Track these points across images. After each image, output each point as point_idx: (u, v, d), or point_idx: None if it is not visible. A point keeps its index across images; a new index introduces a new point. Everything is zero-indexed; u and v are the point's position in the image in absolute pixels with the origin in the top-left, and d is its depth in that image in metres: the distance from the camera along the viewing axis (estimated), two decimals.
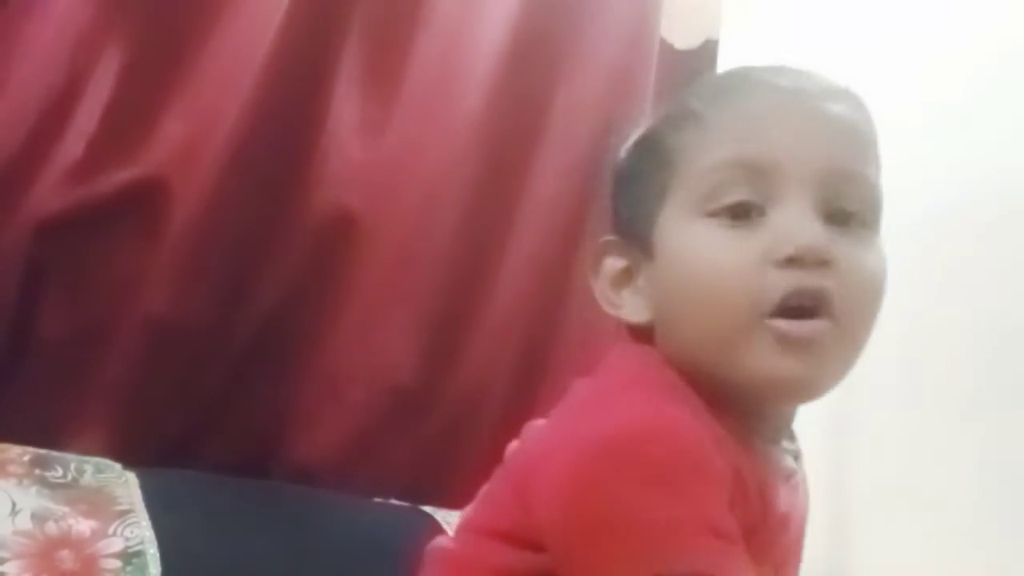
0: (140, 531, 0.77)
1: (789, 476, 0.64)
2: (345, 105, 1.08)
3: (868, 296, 0.59)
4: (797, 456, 0.66)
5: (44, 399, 0.94)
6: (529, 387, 1.12)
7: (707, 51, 1.21)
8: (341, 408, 1.06)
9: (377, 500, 1.02)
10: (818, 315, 0.56)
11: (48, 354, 0.95)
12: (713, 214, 0.58)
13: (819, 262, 0.56)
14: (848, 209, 0.58)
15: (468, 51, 1.12)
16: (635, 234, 0.63)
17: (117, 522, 0.77)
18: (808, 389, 0.60)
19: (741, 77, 0.64)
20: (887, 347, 1.38)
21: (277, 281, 1.04)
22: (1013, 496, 1.22)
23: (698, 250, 0.58)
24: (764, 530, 0.57)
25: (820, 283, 0.56)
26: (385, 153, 1.09)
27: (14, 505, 0.74)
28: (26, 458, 0.81)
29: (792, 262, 0.56)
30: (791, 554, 0.63)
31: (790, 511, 0.62)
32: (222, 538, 0.81)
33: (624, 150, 0.67)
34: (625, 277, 0.63)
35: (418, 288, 1.10)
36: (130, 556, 0.75)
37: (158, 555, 0.76)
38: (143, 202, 0.99)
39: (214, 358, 1.02)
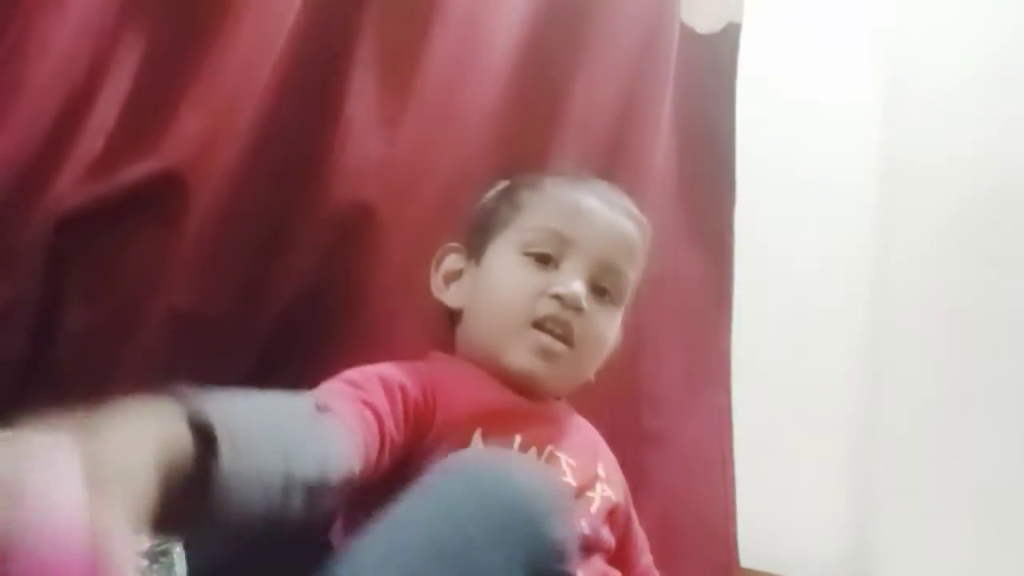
0: None
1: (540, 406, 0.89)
2: (362, 97, 1.07)
3: (596, 344, 0.90)
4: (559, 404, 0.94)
5: (67, 392, 0.94)
6: None
7: (729, 35, 1.19)
8: None
9: None
10: (564, 343, 0.87)
11: (70, 347, 0.95)
12: (527, 254, 0.89)
13: (575, 307, 0.86)
14: (606, 288, 0.90)
15: (485, 41, 1.11)
16: (474, 247, 0.93)
17: None
18: (546, 385, 0.89)
19: (577, 178, 0.97)
20: (915, 341, 1.38)
21: (296, 273, 1.04)
22: None
23: (508, 273, 0.89)
24: (507, 423, 0.82)
25: (570, 320, 0.87)
26: (403, 145, 1.08)
27: None
28: None
29: (558, 298, 0.86)
30: (580, 453, 0.87)
31: (555, 423, 0.89)
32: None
33: (490, 194, 0.99)
34: (456, 275, 0.94)
35: None
36: (157, 555, 0.75)
37: (184, 553, 0.76)
38: (162, 195, 0.99)
39: (234, 350, 1.02)
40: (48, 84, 0.96)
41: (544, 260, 0.89)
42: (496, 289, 0.89)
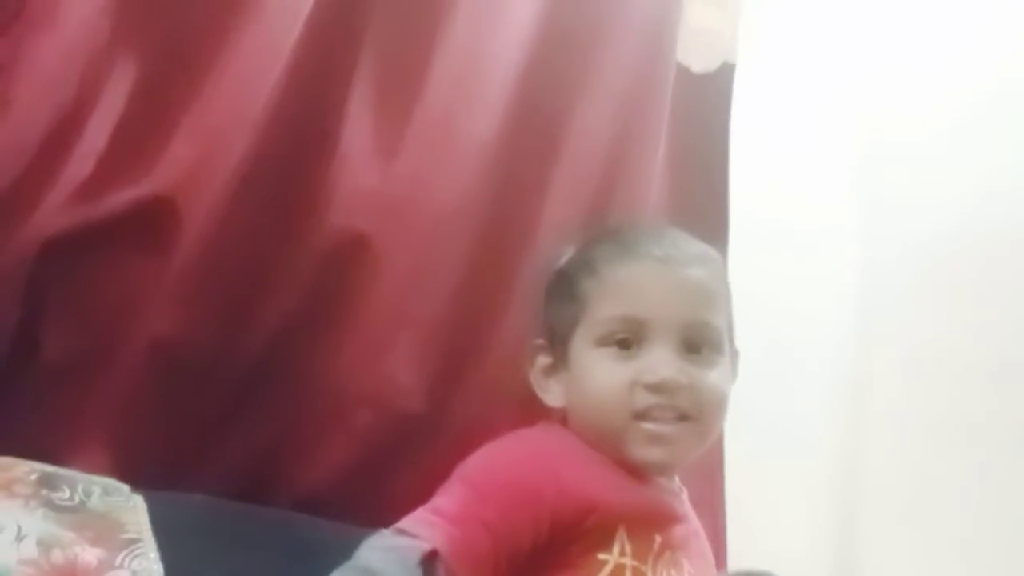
0: (148, 563, 0.74)
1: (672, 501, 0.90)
2: (358, 128, 1.06)
3: (713, 405, 0.86)
4: (680, 491, 0.93)
5: (45, 419, 0.92)
6: (536, 416, 1.10)
7: (724, 74, 1.21)
8: (347, 434, 1.03)
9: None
10: (679, 421, 0.84)
11: (50, 374, 0.92)
12: (606, 345, 0.86)
13: (675, 388, 0.83)
14: (699, 343, 0.86)
15: (482, 75, 1.11)
16: (557, 346, 0.91)
17: (125, 552, 0.74)
18: (670, 468, 0.89)
19: (628, 243, 0.90)
20: (896, 368, 1.40)
21: (285, 304, 1.02)
22: (1011, 512, 1.24)
23: (594, 373, 0.86)
24: (643, 529, 0.83)
25: (675, 402, 0.84)
26: (397, 177, 1.07)
27: (20, 530, 0.72)
28: (33, 477, 0.78)
29: (655, 387, 0.83)
30: (696, 557, 0.88)
31: (684, 523, 0.89)
32: (230, 571, 0.79)
33: (551, 272, 0.96)
34: (552, 370, 0.91)
35: (428, 314, 1.07)
36: (132, 560, 0.73)
37: (159, 557, 0.74)
38: (151, 222, 0.97)
39: (219, 381, 0.99)
40: (37, 104, 0.94)
41: (626, 345, 0.85)
42: (589, 393, 0.86)
